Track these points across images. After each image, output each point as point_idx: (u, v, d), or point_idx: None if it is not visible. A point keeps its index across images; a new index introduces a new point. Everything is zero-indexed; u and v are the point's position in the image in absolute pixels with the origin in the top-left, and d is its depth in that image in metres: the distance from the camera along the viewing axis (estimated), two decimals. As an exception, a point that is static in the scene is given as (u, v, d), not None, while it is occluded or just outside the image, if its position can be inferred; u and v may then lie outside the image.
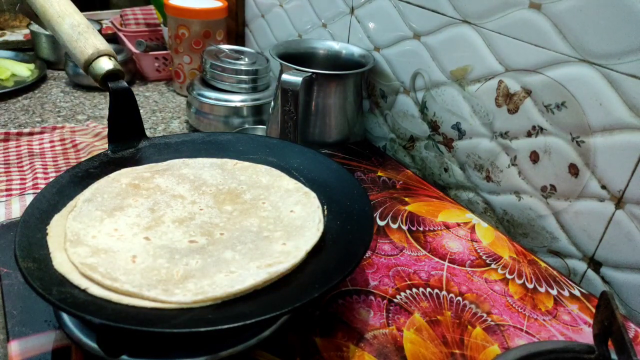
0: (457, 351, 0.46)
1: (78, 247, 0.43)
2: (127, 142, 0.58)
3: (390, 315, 0.50)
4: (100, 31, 1.15)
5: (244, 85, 0.88)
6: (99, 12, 1.41)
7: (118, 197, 0.50)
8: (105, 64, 0.55)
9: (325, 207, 0.52)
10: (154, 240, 0.45)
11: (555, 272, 0.58)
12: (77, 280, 0.40)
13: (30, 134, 0.83)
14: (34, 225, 0.45)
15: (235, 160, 0.59)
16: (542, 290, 0.55)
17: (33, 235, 0.44)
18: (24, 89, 0.99)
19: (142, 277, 0.40)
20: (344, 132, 0.80)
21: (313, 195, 0.53)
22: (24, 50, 1.17)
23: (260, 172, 0.57)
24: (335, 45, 0.84)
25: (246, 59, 0.89)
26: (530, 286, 0.55)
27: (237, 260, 0.43)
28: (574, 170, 0.59)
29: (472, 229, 0.64)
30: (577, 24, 0.55)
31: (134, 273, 0.41)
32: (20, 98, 0.97)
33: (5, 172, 0.74)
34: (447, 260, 0.58)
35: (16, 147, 0.80)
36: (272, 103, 0.81)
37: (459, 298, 0.53)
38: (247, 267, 0.42)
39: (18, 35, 1.28)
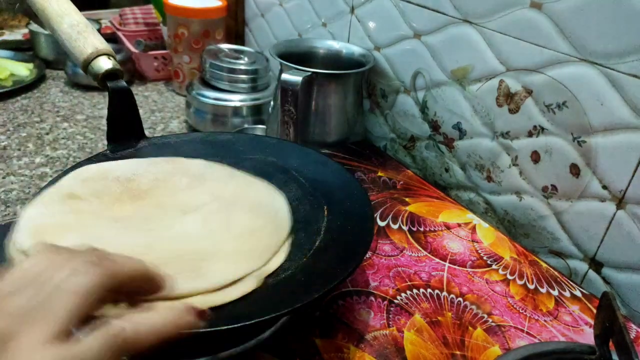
0: (457, 352, 0.46)
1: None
2: (126, 142, 0.58)
3: (390, 316, 0.49)
4: (99, 30, 1.15)
5: (243, 85, 0.88)
6: (98, 11, 1.41)
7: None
8: (105, 64, 0.54)
9: (325, 207, 0.52)
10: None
11: (556, 273, 0.58)
12: None
13: None
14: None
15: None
16: (543, 291, 0.55)
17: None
18: (22, 88, 0.99)
19: None
20: (344, 132, 0.80)
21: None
22: (23, 49, 1.17)
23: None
24: (335, 45, 0.84)
25: (246, 59, 0.89)
26: (531, 287, 0.55)
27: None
28: (575, 170, 0.59)
29: (473, 229, 0.64)
30: (578, 24, 0.54)
31: None
32: (19, 98, 0.96)
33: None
34: (447, 261, 0.58)
35: None
36: (272, 103, 0.81)
37: (460, 299, 0.52)
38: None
39: (17, 34, 1.27)
